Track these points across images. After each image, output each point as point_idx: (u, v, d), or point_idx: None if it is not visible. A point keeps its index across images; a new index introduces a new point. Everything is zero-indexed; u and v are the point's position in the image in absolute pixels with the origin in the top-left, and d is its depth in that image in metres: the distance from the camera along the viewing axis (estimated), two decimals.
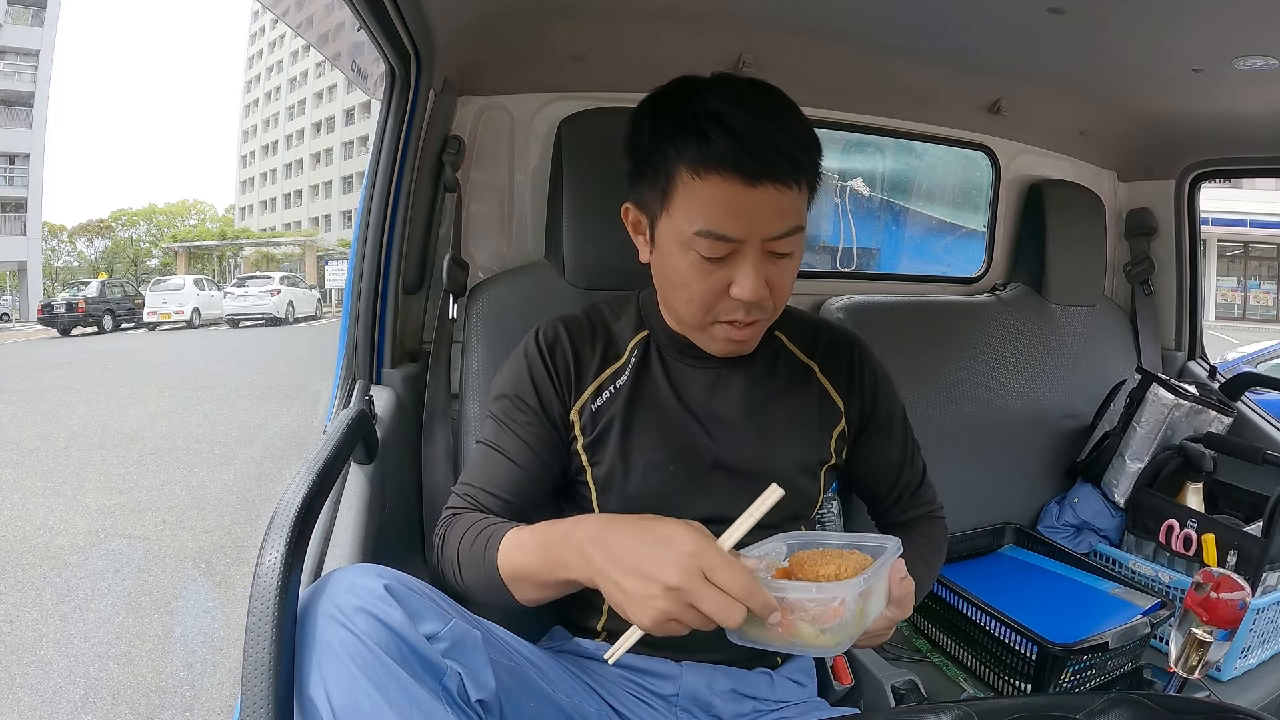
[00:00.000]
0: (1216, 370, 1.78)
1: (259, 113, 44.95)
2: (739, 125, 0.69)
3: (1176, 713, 0.53)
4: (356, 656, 0.53)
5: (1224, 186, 13.36)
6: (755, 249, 0.72)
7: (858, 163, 2.29)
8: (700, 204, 0.71)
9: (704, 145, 0.70)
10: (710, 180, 0.70)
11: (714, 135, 0.69)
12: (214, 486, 4.30)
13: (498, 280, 1.17)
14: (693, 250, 0.73)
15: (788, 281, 0.78)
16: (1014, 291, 1.64)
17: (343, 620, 0.54)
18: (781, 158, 0.70)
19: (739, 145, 0.69)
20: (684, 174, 0.72)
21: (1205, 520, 1.33)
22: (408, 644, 0.55)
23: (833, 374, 0.89)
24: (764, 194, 0.70)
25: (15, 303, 24.59)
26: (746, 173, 0.69)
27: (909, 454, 0.96)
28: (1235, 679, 1.17)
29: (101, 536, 3.52)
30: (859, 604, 0.63)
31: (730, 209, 0.71)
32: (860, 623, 0.64)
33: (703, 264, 0.74)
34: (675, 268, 0.76)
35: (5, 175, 24.85)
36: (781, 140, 0.70)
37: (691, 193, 0.72)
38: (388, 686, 0.53)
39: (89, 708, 2.12)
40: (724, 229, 0.71)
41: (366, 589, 0.56)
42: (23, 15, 24.95)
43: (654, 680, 0.82)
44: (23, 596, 2.88)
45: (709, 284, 0.75)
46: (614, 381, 0.85)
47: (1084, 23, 1.08)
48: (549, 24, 1.12)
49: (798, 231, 0.74)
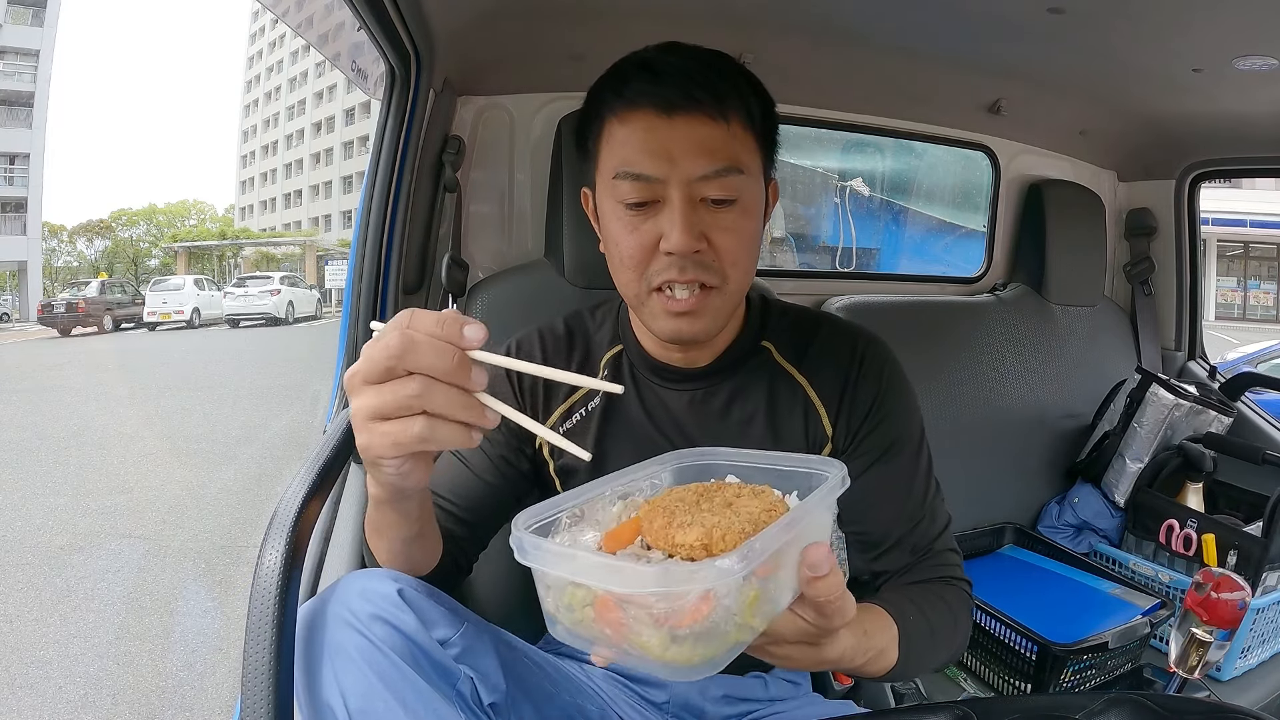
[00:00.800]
0: (1216, 370, 1.78)
1: (259, 113, 44.94)
2: (660, 65, 0.66)
3: (1176, 713, 0.53)
4: (372, 662, 0.53)
5: (1224, 186, 13.36)
6: (681, 193, 0.65)
7: (858, 163, 2.29)
8: (618, 145, 0.68)
9: (622, 88, 0.67)
10: (628, 120, 0.67)
11: (633, 76, 0.67)
12: (214, 486, 4.30)
13: (497, 280, 1.17)
14: (618, 202, 0.68)
15: (735, 239, 0.68)
16: (1014, 291, 1.64)
17: (357, 626, 0.54)
18: (701, 90, 0.65)
19: (656, 79, 0.66)
20: (608, 125, 0.69)
21: (1205, 520, 1.33)
22: (421, 649, 0.55)
23: (822, 384, 0.77)
24: (684, 126, 0.65)
25: (15, 303, 24.58)
26: (661, 105, 0.65)
27: (919, 494, 0.76)
28: (1235, 679, 1.17)
29: (101, 536, 3.52)
30: (744, 595, 0.42)
31: (647, 145, 0.66)
32: (747, 627, 0.43)
33: (628, 216, 0.68)
34: (608, 231, 0.71)
35: (5, 175, 24.85)
36: (703, 75, 0.66)
37: (612, 138, 0.68)
38: (403, 691, 0.53)
39: (89, 708, 2.12)
40: (640, 166, 0.66)
41: (380, 594, 0.56)
42: (23, 15, 24.95)
43: (646, 688, 0.82)
44: (23, 596, 2.88)
45: (637, 239, 0.68)
46: (586, 403, 0.79)
47: (1084, 23, 1.08)
48: (549, 24, 1.12)
49: (731, 173, 0.66)
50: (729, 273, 0.69)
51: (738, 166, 0.67)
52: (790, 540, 0.44)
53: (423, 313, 0.46)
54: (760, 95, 0.71)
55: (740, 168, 0.67)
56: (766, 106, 0.71)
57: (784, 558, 0.44)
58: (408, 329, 0.45)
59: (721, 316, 0.72)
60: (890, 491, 0.75)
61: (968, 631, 0.74)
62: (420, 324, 0.45)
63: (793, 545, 0.45)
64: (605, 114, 0.69)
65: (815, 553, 0.46)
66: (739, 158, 0.67)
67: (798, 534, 0.45)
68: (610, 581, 0.41)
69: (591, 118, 0.71)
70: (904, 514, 0.75)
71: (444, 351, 0.44)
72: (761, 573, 0.42)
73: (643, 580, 0.40)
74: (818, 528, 0.48)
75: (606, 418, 0.78)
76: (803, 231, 2.74)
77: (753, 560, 0.40)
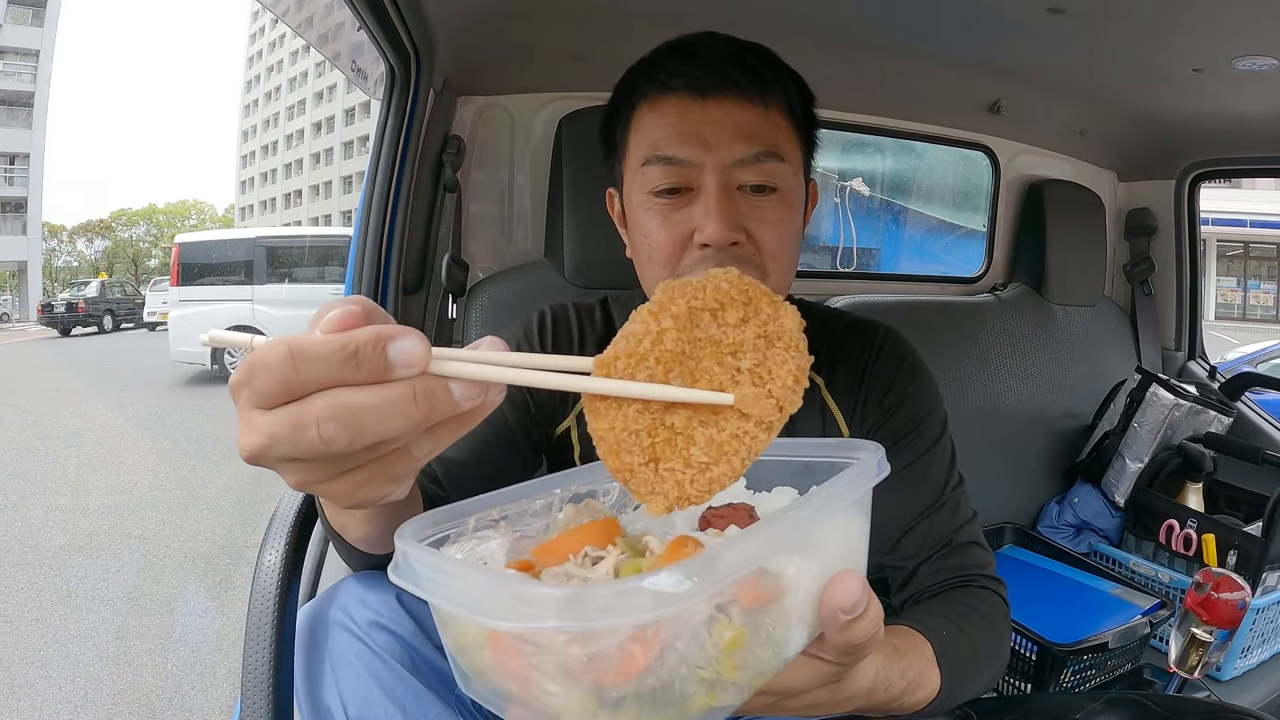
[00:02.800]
0: (1216, 370, 1.78)
1: (259, 113, 44.94)
2: (695, 47, 0.62)
3: (1176, 713, 0.53)
4: (372, 669, 0.53)
5: (1224, 186, 13.36)
6: (716, 179, 0.60)
7: (858, 163, 2.29)
8: (649, 131, 0.63)
9: (654, 73, 0.63)
10: (660, 105, 0.62)
11: (665, 61, 0.63)
12: (214, 486, 4.30)
13: (497, 280, 1.17)
14: (648, 192, 0.63)
15: (776, 232, 0.62)
16: (1014, 291, 1.64)
17: (357, 633, 0.54)
18: (738, 70, 0.61)
19: (690, 63, 0.61)
20: (638, 111, 0.64)
21: (1205, 520, 1.33)
22: (420, 655, 0.55)
23: (837, 382, 0.72)
24: (719, 108, 0.60)
25: (15, 303, 24.60)
26: (696, 87, 0.60)
27: (937, 480, 0.70)
28: (1235, 679, 1.17)
29: (101, 536, 3.52)
30: (717, 636, 0.28)
31: (679, 128, 0.61)
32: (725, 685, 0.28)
33: (659, 206, 0.62)
34: (637, 225, 0.65)
35: (5, 175, 24.86)
36: (741, 58, 0.62)
37: (642, 125, 0.64)
38: (403, 699, 0.53)
39: (89, 708, 2.12)
40: (671, 149, 0.61)
41: (379, 600, 0.56)
42: (23, 15, 24.96)
43: None
44: (23, 596, 2.88)
45: (668, 232, 0.62)
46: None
47: (1084, 23, 1.08)
48: (549, 24, 1.12)
49: (771, 159, 0.61)
50: (769, 268, 0.63)
51: (777, 152, 0.62)
52: (792, 546, 0.31)
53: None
54: (802, 88, 0.67)
55: (780, 154, 0.62)
56: (808, 100, 0.68)
57: (791, 581, 0.30)
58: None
59: None
60: (903, 476, 0.67)
61: (1008, 642, 0.65)
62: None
63: (805, 560, 0.31)
64: (636, 100, 0.64)
65: (846, 587, 0.32)
66: (779, 144, 0.62)
67: (805, 541, 0.31)
68: (493, 609, 0.26)
69: (620, 107, 0.67)
70: (918, 498, 0.68)
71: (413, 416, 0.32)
72: (748, 600, 0.28)
73: (540, 607, 0.25)
74: (844, 536, 0.33)
75: None
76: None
77: (718, 579, 0.26)
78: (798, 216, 0.65)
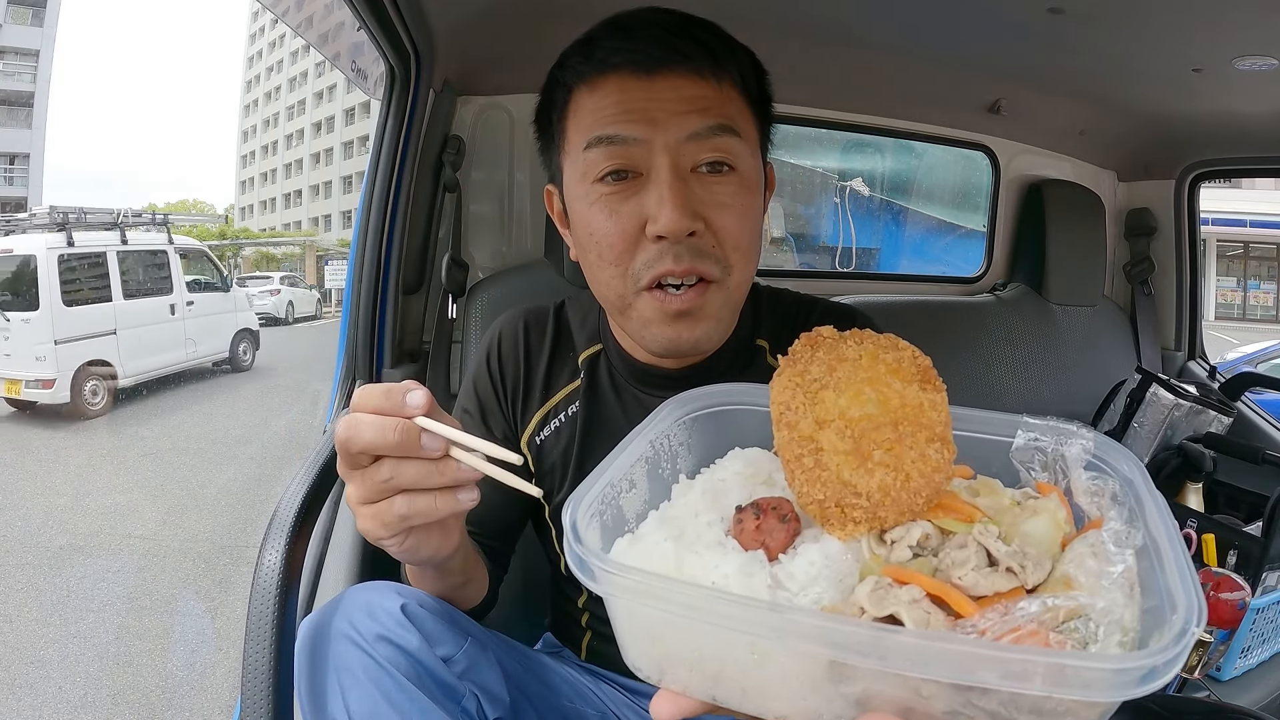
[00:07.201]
0: (1216, 370, 1.78)
1: (259, 112, 44.94)
2: (630, 23, 0.58)
3: (1176, 713, 0.53)
4: (378, 681, 0.53)
5: (1224, 186, 13.36)
6: (667, 159, 0.55)
7: (858, 163, 2.29)
8: (589, 113, 0.57)
9: (591, 52, 0.58)
10: (600, 85, 0.57)
11: (603, 39, 0.58)
12: (214, 486, 4.30)
13: (497, 279, 1.17)
14: (591, 181, 0.57)
15: (737, 218, 0.57)
16: (1014, 291, 1.64)
17: (362, 645, 0.54)
18: (686, 42, 0.56)
19: (630, 38, 0.57)
20: (575, 94, 0.59)
21: (1205, 520, 1.33)
22: (425, 668, 0.55)
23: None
24: (666, 84, 0.55)
25: None
26: (639, 63, 0.56)
27: None
28: (1235, 679, 1.17)
29: (101, 536, 3.52)
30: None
31: (623, 106, 0.56)
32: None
33: (604, 196, 0.57)
34: (580, 220, 0.59)
35: (5, 175, 24.86)
36: (685, 29, 0.57)
37: (581, 108, 0.58)
38: (408, 711, 0.53)
39: (89, 707, 2.12)
40: (615, 128, 0.55)
41: (385, 611, 0.55)
42: (23, 15, 24.96)
43: (644, 700, 0.81)
44: (23, 597, 2.88)
45: (617, 225, 0.56)
46: (566, 408, 0.72)
47: (1084, 23, 1.08)
48: (549, 24, 1.12)
49: (725, 133, 0.56)
50: (731, 259, 0.58)
51: (731, 126, 0.57)
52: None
53: (369, 389, 0.44)
54: (754, 63, 0.63)
55: (735, 129, 0.57)
56: (761, 75, 0.63)
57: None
58: (353, 410, 0.43)
59: (724, 319, 0.62)
60: None
61: None
62: (365, 402, 0.43)
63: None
64: (572, 82, 0.59)
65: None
66: (733, 118, 0.57)
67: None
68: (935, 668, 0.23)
69: (555, 92, 0.61)
70: None
71: (385, 428, 0.42)
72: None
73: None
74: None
75: (587, 426, 0.72)
76: (802, 231, 2.75)
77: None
78: (758, 202, 0.61)
